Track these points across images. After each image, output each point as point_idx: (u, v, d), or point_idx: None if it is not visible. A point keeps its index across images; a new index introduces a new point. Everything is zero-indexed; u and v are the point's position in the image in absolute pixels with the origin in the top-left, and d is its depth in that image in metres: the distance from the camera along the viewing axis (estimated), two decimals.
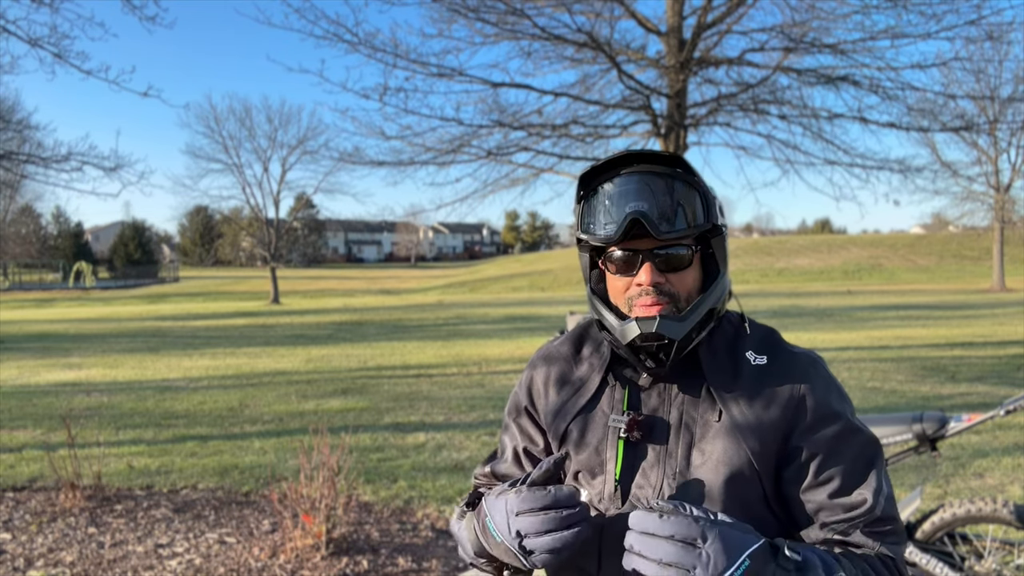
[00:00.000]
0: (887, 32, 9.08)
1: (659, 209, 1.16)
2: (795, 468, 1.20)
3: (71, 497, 4.76)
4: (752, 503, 1.20)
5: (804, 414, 1.20)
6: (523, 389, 1.41)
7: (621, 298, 1.24)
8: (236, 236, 60.63)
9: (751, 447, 1.18)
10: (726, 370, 1.24)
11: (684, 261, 1.21)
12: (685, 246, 1.20)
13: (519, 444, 1.40)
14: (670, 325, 1.17)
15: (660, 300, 1.20)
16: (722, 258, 1.25)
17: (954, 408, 7.19)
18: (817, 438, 1.19)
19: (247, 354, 13.46)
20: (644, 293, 1.20)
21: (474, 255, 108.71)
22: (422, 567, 3.78)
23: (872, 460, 1.20)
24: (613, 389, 1.29)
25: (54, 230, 70.55)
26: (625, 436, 1.23)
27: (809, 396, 1.21)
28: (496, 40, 9.65)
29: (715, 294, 1.23)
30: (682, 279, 1.21)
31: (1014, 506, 2.77)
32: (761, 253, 53.91)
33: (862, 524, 1.17)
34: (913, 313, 20.05)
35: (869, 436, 1.22)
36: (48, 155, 11.60)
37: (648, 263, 1.20)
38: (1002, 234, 31.27)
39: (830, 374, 1.26)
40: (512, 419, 1.43)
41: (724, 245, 1.25)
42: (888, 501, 1.18)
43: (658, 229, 1.15)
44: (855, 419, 1.24)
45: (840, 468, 1.18)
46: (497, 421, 7.23)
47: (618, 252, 1.22)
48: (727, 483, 1.18)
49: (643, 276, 1.20)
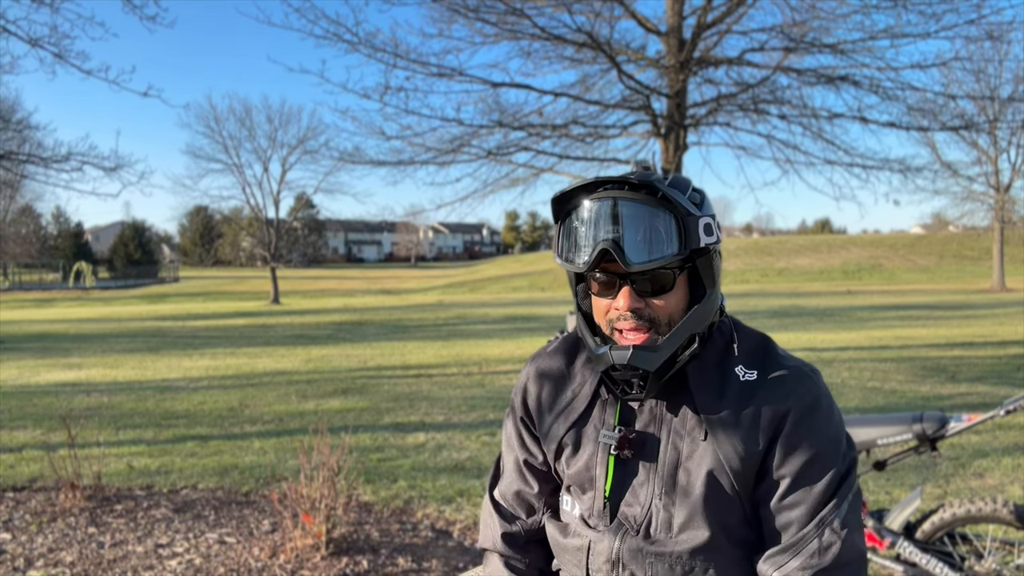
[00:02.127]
0: (887, 32, 9.09)
1: (632, 237, 1.12)
2: (766, 487, 1.18)
3: (71, 497, 4.76)
4: (733, 525, 1.19)
5: (783, 433, 1.17)
6: (518, 399, 1.40)
7: (603, 318, 1.22)
8: (236, 236, 60.56)
9: (733, 468, 1.16)
10: (714, 388, 1.21)
11: (666, 284, 1.17)
12: (667, 268, 1.16)
13: (519, 456, 1.40)
14: (644, 356, 1.14)
15: (639, 326, 1.17)
16: (709, 278, 1.20)
17: (954, 408, 7.19)
18: (790, 460, 1.16)
19: (247, 354, 13.46)
20: (623, 318, 1.18)
21: (474, 255, 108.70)
22: (422, 567, 3.78)
23: (836, 493, 1.16)
24: (605, 403, 1.28)
25: (54, 230, 70.56)
26: (615, 453, 1.22)
27: (791, 415, 1.17)
28: (496, 40, 9.67)
29: (696, 319, 1.18)
30: (663, 303, 1.18)
31: (1014, 506, 2.77)
32: (761, 253, 53.92)
33: (808, 573, 1.13)
34: (913, 313, 20.05)
35: (842, 469, 1.17)
36: (48, 155, 11.62)
37: (627, 287, 1.17)
38: (1002, 234, 31.27)
39: (821, 390, 1.22)
40: (511, 428, 1.42)
41: (711, 265, 1.20)
42: (846, 542, 1.13)
43: (627, 260, 1.11)
44: (839, 445, 1.19)
45: (804, 497, 1.15)
46: (497, 421, 7.24)
47: (598, 274, 1.19)
48: (709, 503, 1.16)
49: (621, 301, 1.17)
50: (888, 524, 2.97)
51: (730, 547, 1.18)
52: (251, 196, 34.57)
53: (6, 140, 15.16)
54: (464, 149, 10.18)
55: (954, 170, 27.78)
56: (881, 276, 44.62)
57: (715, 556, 1.17)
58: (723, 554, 1.17)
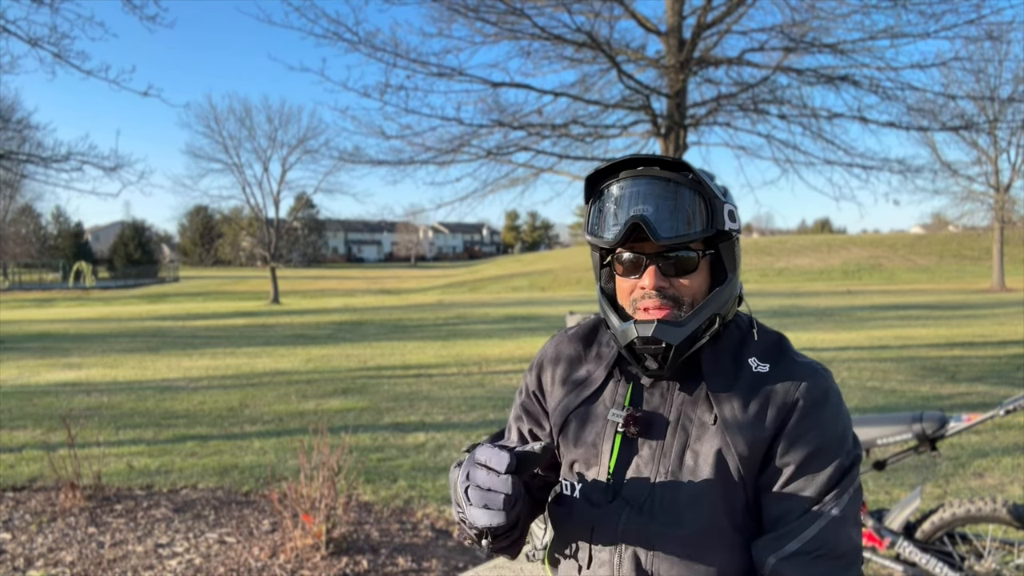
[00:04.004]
0: (887, 32, 9.09)
1: (661, 214, 1.16)
2: (769, 474, 1.19)
3: (71, 497, 4.76)
4: (737, 510, 1.20)
5: (790, 422, 1.19)
6: (532, 374, 1.43)
7: (627, 299, 1.25)
8: (236, 236, 60.64)
9: (740, 452, 1.18)
10: (726, 374, 1.23)
11: (690, 265, 1.21)
12: (692, 250, 1.20)
13: (525, 426, 1.42)
14: (668, 330, 1.17)
15: (663, 304, 1.20)
16: (730, 263, 1.24)
17: (954, 408, 7.19)
18: (795, 449, 1.18)
19: (247, 354, 13.46)
20: (647, 296, 1.21)
21: (474, 255, 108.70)
22: (422, 567, 3.78)
23: (838, 485, 1.17)
24: (618, 384, 1.30)
25: (54, 230, 70.56)
26: (622, 431, 1.24)
27: (800, 406, 1.19)
28: (496, 40, 9.67)
29: (719, 300, 1.22)
30: (688, 283, 1.21)
31: (1014, 506, 2.77)
32: (761, 253, 53.91)
33: (806, 560, 1.14)
34: (913, 313, 20.05)
35: (846, 462, 1.19)
36: (48, 155, 11.62)
37: (653, 267, 1.20)
38: (1002, 234, 31.27)
39: (830, 386, 1.23)
40: (521, 401, 1.45)
41: (733, 250, 1.24)
42: (843, 533, 1.15)
43: (657, 234, 1.15)
44: (844, 440, 1.21)
45: (805, 485, 1.17)
46: (497, 421, 7.24)
47: (625, 254, 1.22)
48: (714, 486, 1.18)
49: (647, 280, 1.20)
50: (888, 524, 2.97)
51: (731, 531, 1.19)
52: (251, 196, 34.62)
53: (6, 140, 15.17)
54: (464, 149, 10.19)
55: (954, 170, 27.81)
56: (881, 276, 44.62)
57: (716, 539, 1.18)
58: (724, 538, 1.19)
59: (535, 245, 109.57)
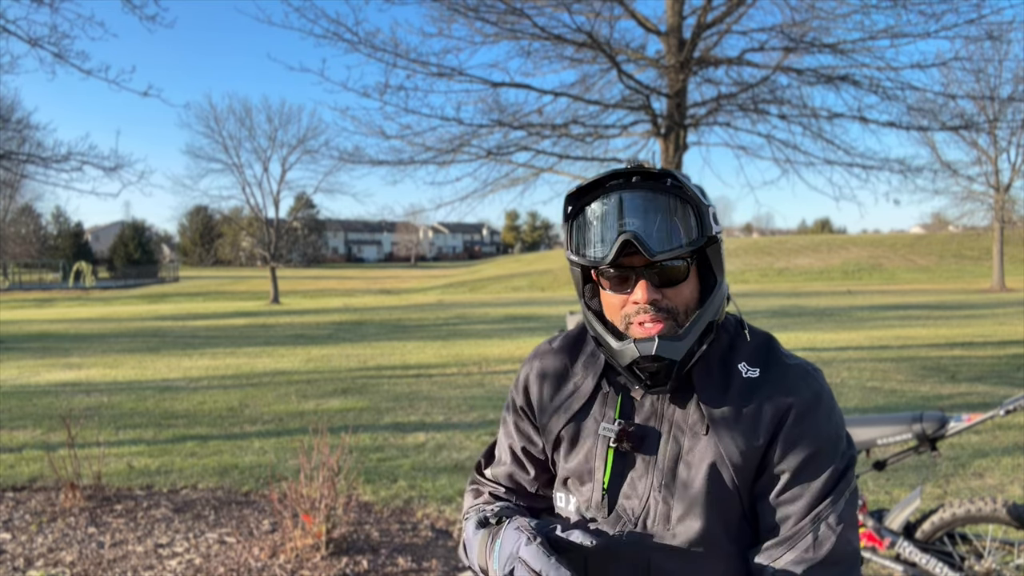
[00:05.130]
0: (887, 32, 9.08)
1: (650, 228, 1.12)
2: (765, 481, 1.18)
3: (71, 497, 4.76)
4: (732, 519, 1.19)
5: (784, 429, 1.17)
6: (519, 390, 1.39)
7: (617, 315, 1.21)
8: (236, 236, 60.54)
9: (734, 462, 1.16)
10: (717, 383, 1.21)
11: (680, 275, 1.18)
12: (680, 258, 1.17)
13: (516, 444, 1.40)
14: (669, 346, 1.14)
15: (658, 317, 1.17)
16: (718, 266, 1.22)
17: (954, 408, 7.19)
18: (790, 456, 1.17)
19: (247, 354, 13.46)
20: (641, 311, 1.17)
21: (474, 255, 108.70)
22: (422, 567, 3.78)
23: (834, 490, 1.16)
24: (607, 396, 1.28)
25: (54, 230, 70.55)
26: (614, 446, 1.22)
27: (793, 412, 1.18)
28: (496, 40, 9.65)
29: (713, 306, 1.20)
30: (679, 293, 1.18)
31: (1014, 506, 2.77)
32: (761, 253, 53.91)
33: (803, 568, 1.13)
34: (913, 313, 20.05)
35: (841, 466, 1.18)
36: (48, 155, 11.63)
37: (643, 281, 1.16)
38: (1002, 234, 31.26)
39: (822, 388, 1.22)
40: (509, 418, 1.42)
41: (720, 253, 1.21)
42: (841, 538, 1.14)
43: (650, 250, 1.12)
44: (839, 443, 1.20)
45: (801, 492, 1.16)
46: (497, 421, 7.24)
47: (612, 270, 1.18)
48: (709, 497, 1.17)
49: (639, 294, 1.17)
50: (888, 524, 2.97)
51: (727, 542, 1.19)
52: (251, 196, 34.60)
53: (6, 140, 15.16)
54: (464, 149, 10.18)
55: (954, 170, 27.74)
56: (881, 276, 44.62)
57: (712, 550, 1.17)
58: (720, 548, 1.18)
59: (535, 245, 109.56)
